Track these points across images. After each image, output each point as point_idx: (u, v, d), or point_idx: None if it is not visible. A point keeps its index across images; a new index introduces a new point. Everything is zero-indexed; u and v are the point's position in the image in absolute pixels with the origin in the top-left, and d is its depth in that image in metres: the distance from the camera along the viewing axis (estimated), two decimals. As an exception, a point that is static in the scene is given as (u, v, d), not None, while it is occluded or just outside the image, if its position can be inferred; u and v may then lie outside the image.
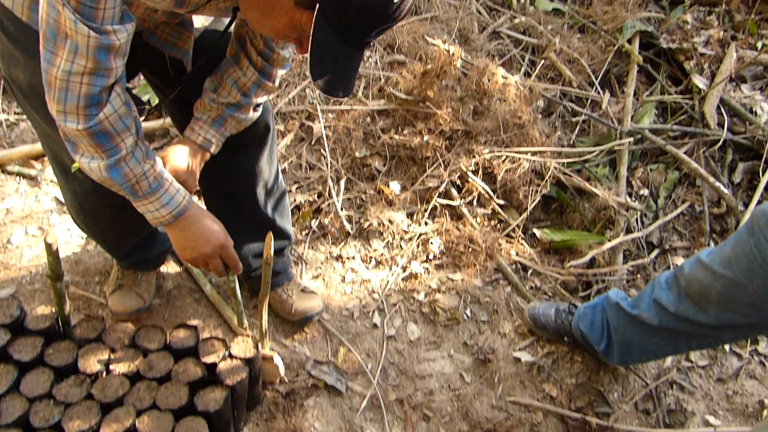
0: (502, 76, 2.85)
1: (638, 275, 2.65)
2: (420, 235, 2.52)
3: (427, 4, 3.31)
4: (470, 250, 2.50)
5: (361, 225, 2.52)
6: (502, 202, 2.67)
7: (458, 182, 2.66)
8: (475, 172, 2.65)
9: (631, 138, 2.97)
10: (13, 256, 2.20)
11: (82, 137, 1.24)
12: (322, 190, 2.56)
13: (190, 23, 1.55)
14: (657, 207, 2.88)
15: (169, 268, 2.25)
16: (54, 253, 1.46)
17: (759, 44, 3.58)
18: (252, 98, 1.58)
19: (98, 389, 1.53)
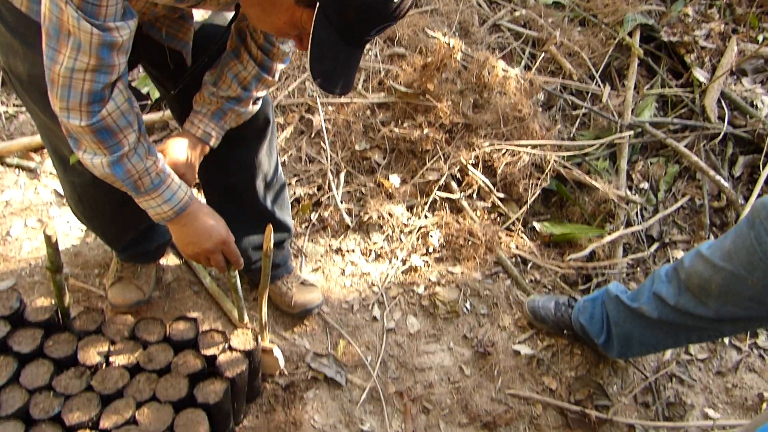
0: (503, 69, 2.84)
1: (638, 269, 2.65)
2: (420, 228, 2.52)
3: (428, -3, 3.30)
4: (470, 243, 2.50)
5: (360, 218, 2.51)
6: (502, 195, 2.67)
7: (458, 175, 2.66)
8: (475, 166, 2.65)
9: (632, 131, 2.96)
10: (13, 249, 2.20)
11: (84, 134, 1.25)
12: (322, 183, 2.56)
13: (190, 16, 1.54)
14: (657, 200, 2.88)
15: (169, 260, 2.25)
16: (53, 245, 1.46)
17: (760, 37, 3.56)
18: (252, 92, 1.58)
19: (98, 381, 1.53)
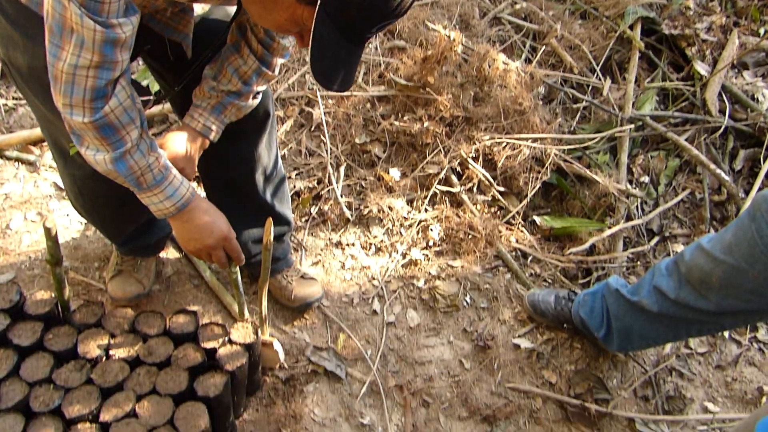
0: (503, 62, 2.83)
1: (638, 262, 2.65)
2: (420, 221, 2.52)
3: (428, -10, 3.29)
4: (470, 236, 2.50)
5: (360, 211, 2.51)
6: (502, 188, 2.67)
7: (458, 169, 2.65)
8: (475, 159, 2.64)
9: (632, 125, 2.96)
10: (12, 242, 2.20)
11: (87, 130, 1.25)
12: (322, 177, 2.56)
13: (190, 8, 1.54)
14: (657, 194, 2.87)
15: (169, 254, 2.25)
16: (53, 237, 1.45)
17: (761, 30, 3.55)
18: (252, 86, 1.58)
19: (98, 374, 1.53)
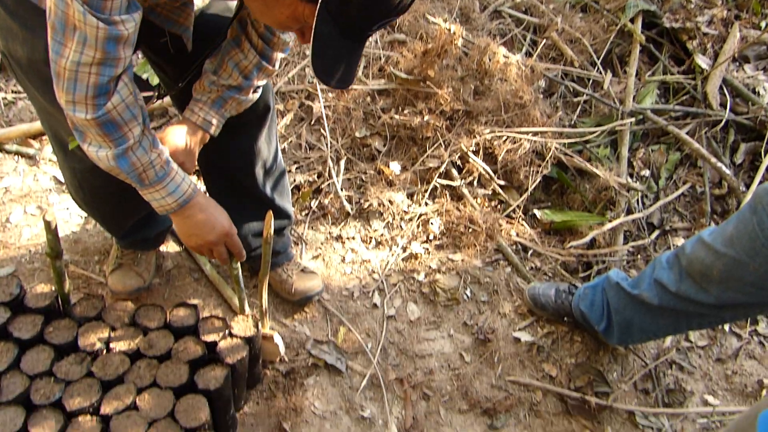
0: (504, 56, 2.82)
1: (638, 256, 2.65)
2: (420, 215, 2.52)
3: (428, -17, 3.27)
4: (470, 230, 2.50)
5: (361, 205, 2.51)
6: (502, 182, 2.66)
7: (459, 162, 2.65)
8: (475, 153, 2.64)
9: (633, 118, 2.95)
10: (12, 235, 2.20)
11: (90, 127, 1.25)
12: (322, 170, 2.55)
13: (190, 1, 1.53)
14: (658, 188, 2.87)
15: (169, 247, 2.25)
16: (53, 231, 1.45)
17: (763, 24, 3.54)
18: (253, 81, 1.58)
19: (98, 367, 1.53)
